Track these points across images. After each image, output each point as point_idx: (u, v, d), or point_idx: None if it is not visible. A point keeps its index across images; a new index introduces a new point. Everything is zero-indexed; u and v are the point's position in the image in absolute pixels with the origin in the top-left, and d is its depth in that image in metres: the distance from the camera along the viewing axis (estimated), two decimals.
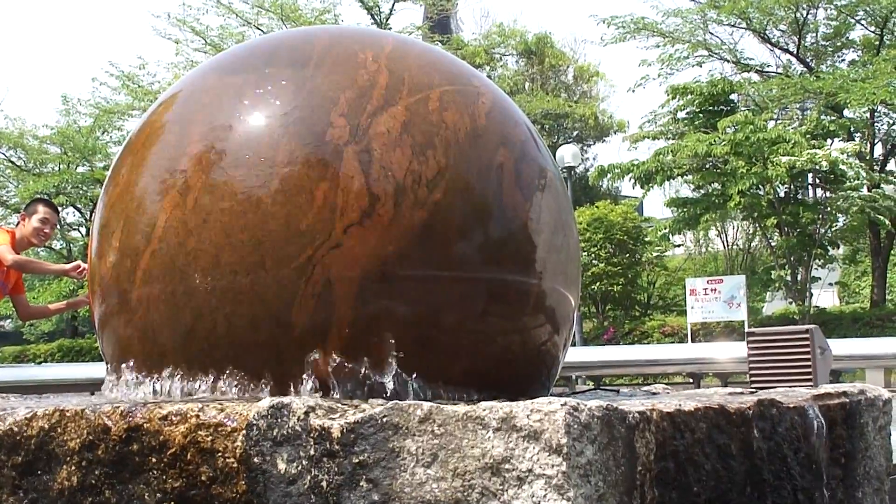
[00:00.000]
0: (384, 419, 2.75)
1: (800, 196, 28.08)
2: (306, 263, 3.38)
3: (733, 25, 31.64)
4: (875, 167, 29.12)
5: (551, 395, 3.78)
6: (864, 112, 28.86)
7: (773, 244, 28.74)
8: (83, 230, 37.70)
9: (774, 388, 4.49)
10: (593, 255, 30.49)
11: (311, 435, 2.77)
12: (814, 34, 31.61)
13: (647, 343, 26.69)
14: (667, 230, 29.85)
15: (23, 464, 3.09)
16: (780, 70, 32.34)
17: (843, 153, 25.15)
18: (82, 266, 7.65)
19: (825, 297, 35.11)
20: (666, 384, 10.16)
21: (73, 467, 2.99)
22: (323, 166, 3.47)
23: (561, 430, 2.56)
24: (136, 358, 3.71)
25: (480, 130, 3.75)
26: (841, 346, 12.16)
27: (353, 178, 3.45)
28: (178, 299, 3.53)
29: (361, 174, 3.46)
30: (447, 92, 3.81)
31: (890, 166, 31.21)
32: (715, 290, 25.07)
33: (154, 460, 2.89)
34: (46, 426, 3.07)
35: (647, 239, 32.60)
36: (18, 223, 8.23)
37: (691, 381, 18.43)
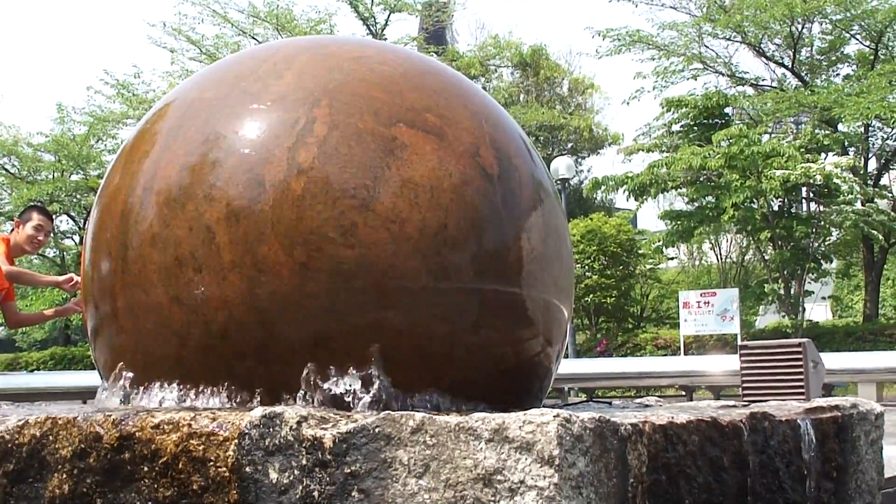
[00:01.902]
0: (376, 429, 2.74)
1: (793, 210, 28.18)
2: (299, 273, 3.38)
3: (728, 39, 31.72)
4: (869, 182, 29.20)
5: (544, 406, 3.78)
6: (858, 126, 28.97)
7: (766, 258, 28.83)
8: (77, 238, 37.67)
9: (767, 401, 4.49)
10: (587, 267, 30.51)
11: (304, 445, 2.77)
12: (809, 48, 31.73)
13: (640, 355, 26.69)
14: (660, 243, 29.96)
15: (14, 471, 3.08)
16: (774, 84, 32.42)
17: (837, 167, 25.24)
18: (75, 279, 7.63)
19: (818, 311, 35.17)
20: (658, 397, 10.16)
21: (65, 475, 2.99)
22: (316, 177, 3.47)
23: (553, 441, 2.56)
24: (128, 367, 3.71)
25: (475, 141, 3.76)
26: (833, 360, 12.18)
27: (347, 189, 3.45)
28: (169, 308, 3.53)
29: (358, 185, 3.46)
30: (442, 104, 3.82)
31: (884, 181, 31.30)
32: (708, 303, 25.07)
33: (146, 469, 2.88)
34: (38, 434, 3.06)
35: (640, 251, 32.63)
36: (13, 230, 8.19)
37: (684, 393, 18.45)
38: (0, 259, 7.72)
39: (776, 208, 27.25)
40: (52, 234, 7.20)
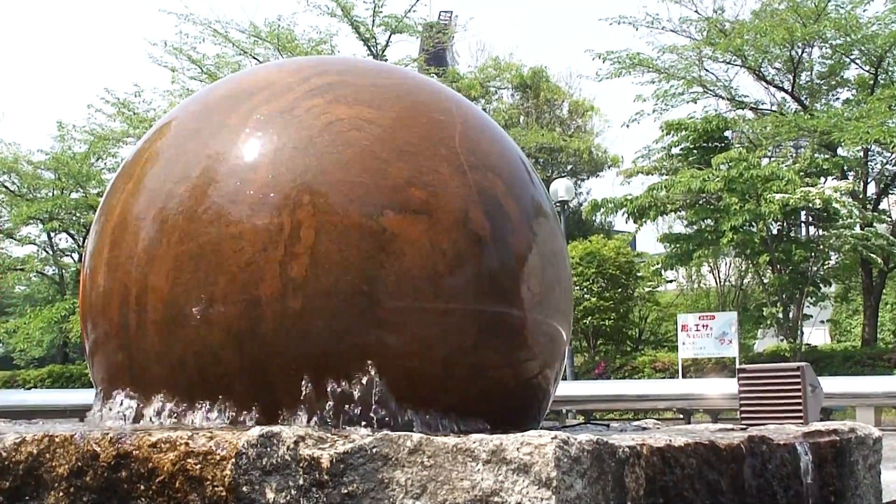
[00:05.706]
0: (374, 450, 2.74)
1: (792, 233, 28.15)
2: (298, 293, 3.38)
3: (728, 63, 31.71)
4: (868, 206, 29.16)
5: (542, 428, 3.77)
6: (857, 151, 28.94)
7: (765, 281, 28.77)
8: (76, 256, 37.64)
9: (765, 424, 4.48)
10: (585, 290, 30.43)
11: (301, 464, 2.76)
12: (809, 72, 31.72)
13: (638, 378, 26.62)
14: (659, 265, 29.91)
15: (11, 489, 3.07)
16: (774, 108, 32.40)
17: (836, 191, 25.22)
18: None
19: (816, 335, 35.09)
20: (657, 420, 10.14)
21: (62, 493, 2.98)
22: (316, 197, 3.47)
23: (551, 463, 2.55)
24: (126, 385, 3.70)
25: (474, 163, 3.76)
26: (832, 384, 12.21)
27: (344, 209, 3.46)
28: (169, 327, 3.52)
29: (354, 205, 3.46)
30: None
31: (883, 205, 31.26)
32: (707, 326, 25.03)
33: (142, 488, 2.87)
34: (35, 451, 3.05)
35: (639, 274, 32.56)
36: None
37: (682, 416, 18.41)
38: None
39: (775, 232, 27.23)
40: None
